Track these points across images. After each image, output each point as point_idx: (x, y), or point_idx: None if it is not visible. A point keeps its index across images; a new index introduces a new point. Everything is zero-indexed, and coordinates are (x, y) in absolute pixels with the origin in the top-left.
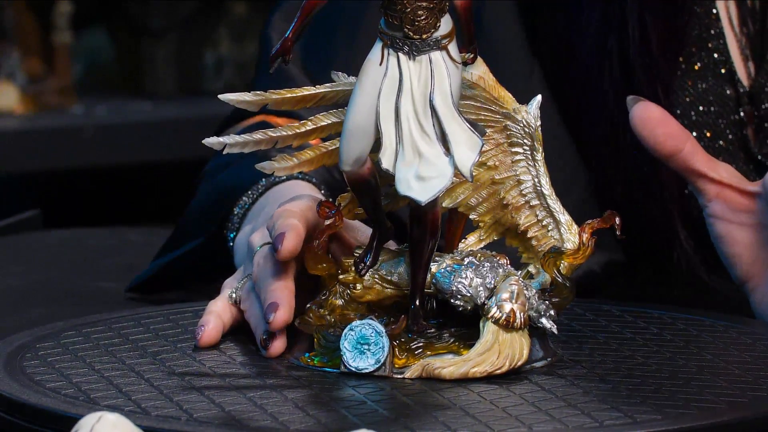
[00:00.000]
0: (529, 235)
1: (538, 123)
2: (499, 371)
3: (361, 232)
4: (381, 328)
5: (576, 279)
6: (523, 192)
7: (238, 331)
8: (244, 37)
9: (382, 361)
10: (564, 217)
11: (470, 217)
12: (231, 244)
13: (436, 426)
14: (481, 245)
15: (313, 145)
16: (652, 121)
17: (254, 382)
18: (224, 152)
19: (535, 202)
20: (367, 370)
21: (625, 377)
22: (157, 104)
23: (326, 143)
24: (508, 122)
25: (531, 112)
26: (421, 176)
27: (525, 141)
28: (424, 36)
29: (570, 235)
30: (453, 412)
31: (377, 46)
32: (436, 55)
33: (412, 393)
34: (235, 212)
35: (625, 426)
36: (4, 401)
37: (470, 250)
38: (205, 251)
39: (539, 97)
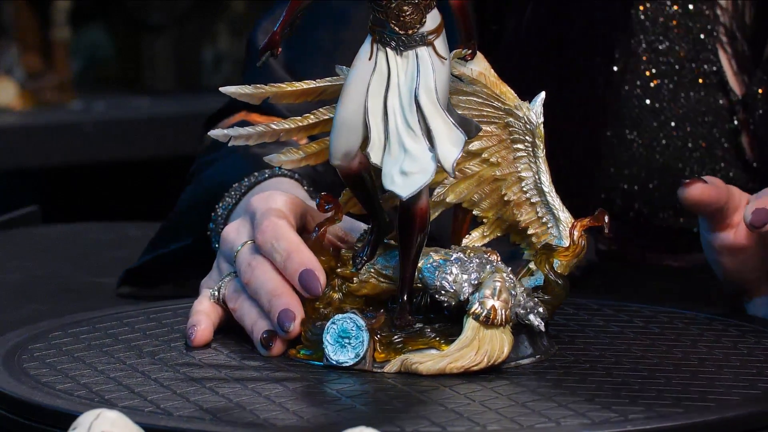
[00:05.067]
0: (529, 232)
1: (540, 120)
2: (476, 367)
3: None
4: (362, 322)
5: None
6: (524, 189)
7: (229, 328)
8: (243, 33)
9: (362, 355)
10: (563, 215)
11: (474, 213)
12: (216, 245)
13: (430, 426)
14: (485, 241)
15: (319, 139)
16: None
17: (251, 378)
18: (229, 144)
19: (535, 199)
20: (347, 364)
21: (615, 374)
22: (155, 100)
23: None
24: (510, 118)
25: (533, 109)
26: (405, 171)
27: (526, 137)
28: (410, 31)
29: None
30: (446, 412)
31: (367, 41)
32: (423, 51)
33: (407, 391)
34: (219, 213)
35: (618, 423)
36: (3, 398)
37: (463, 246)
38: (192, 250)
39: (543, 94)
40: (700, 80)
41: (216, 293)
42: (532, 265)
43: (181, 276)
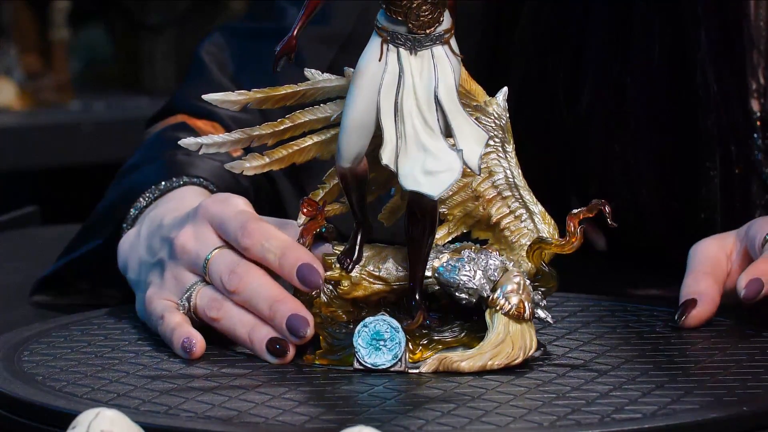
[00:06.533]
0: (501, 227)
1: (508, 115)
2: (516, 362)
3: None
4: (396, 323)
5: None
6: (495, 184)
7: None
8: None
9: (400, 356)
10: (537, 208)
11: (440, 210)
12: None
13: (441, 427)
14: (449, 238)
15: (286, 144)
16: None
17: (253, 380)
18: (200, 152)
19: (507, 193)
20: (383, 366)
21: (604, 374)
22: (154, 100)
23: (297, 141)
24: (479, 115)
25: (501, 104)
26: (429, 171)
27: (496, 133)
28: (428, 31)
29: (544, 225)
30: (459, 409)
31: (375, 42)
32: (439, 50)
33: (417, 389)
34: (131, 213)
35: (633, 420)
36: (2, 398)
37: (462, 244)
38: (102, 252)
39: (505, 89)
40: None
41: (186, 304)
42: (504, 259)
43: (95, 282)
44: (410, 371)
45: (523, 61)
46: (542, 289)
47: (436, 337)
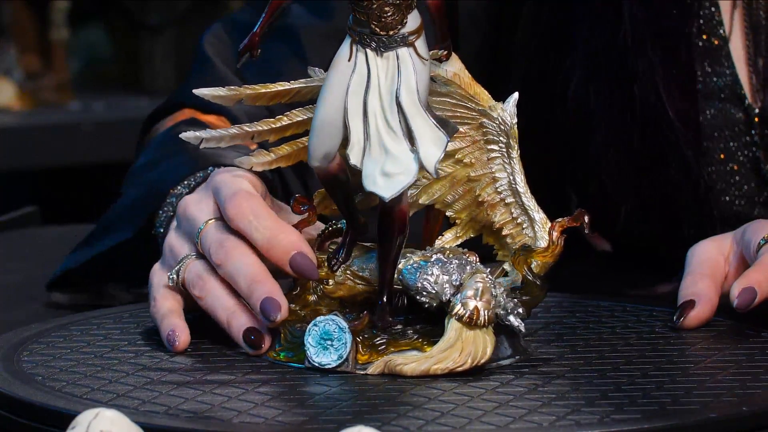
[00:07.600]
0: (504, 233)
1: (514, 121)
2: (460, 368)
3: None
4: (344, 324)
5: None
6: (499, 189)
7: (207, 327)
8: None
9: (345, 356)
10: (538, 215)
11: (447, 214)
12: (161, 238)
13: (441, 427)
14: (458, 242)
15: (291, 141)
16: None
17: (253, 381)
18: (201, 147)
19: (510, 199)
20: (329, 366)
21: (604, 375)
22: (154, 100)
23: (303, 138)
24: (484, 119)
25: (507, 109)
26: (387, 172)
27: (501, 138)
28: (391, 32)
29: (544, 232)
30: (459, 409)
31: (346, 43)
32: (403, 52)
33: (389, 392)
34: (168, 200)
35: (633, 420)
36: (2, 398)
37: (440, 247)
38: (130, 248)
39: (516, 95)
40: (716, 93)
41: (174, 277)
42: (506, 266)
43: (111, 279)
44: (358, 372)
45: (524, 61)
46: (526, 298)
47: (387, 340)
